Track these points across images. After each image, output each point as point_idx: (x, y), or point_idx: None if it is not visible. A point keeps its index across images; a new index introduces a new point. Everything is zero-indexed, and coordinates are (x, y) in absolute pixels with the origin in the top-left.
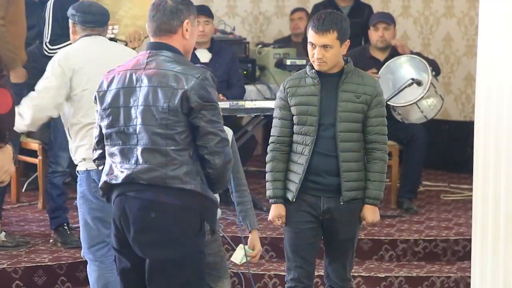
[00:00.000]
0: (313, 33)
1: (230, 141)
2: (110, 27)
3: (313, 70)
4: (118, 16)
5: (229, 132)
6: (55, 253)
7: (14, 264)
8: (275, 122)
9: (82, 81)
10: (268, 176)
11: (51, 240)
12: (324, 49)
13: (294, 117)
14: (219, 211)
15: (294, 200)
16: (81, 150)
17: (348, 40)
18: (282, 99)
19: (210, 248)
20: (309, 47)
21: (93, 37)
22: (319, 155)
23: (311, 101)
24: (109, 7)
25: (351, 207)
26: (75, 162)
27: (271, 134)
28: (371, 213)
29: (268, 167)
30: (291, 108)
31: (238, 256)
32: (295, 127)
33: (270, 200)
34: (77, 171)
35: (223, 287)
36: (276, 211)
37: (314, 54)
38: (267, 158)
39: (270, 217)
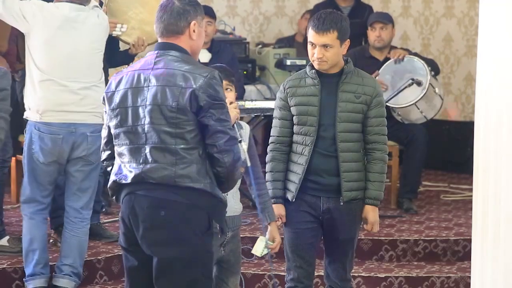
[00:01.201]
0: (313, 33)
1: (248, 136)
2: (118, 25)
3: (313, 70)
4: (126, 17)
5: (246, 128)
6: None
7: (14, 264)
8: (275, 122)
9: (47, 36)
10: (268, 176)
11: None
12: (324, 49)
13: (294, 117)
14: (240, 206)
15: (293, 200)
16: (29, 98)
17: (348, 40)
18: (282, 99)
19: (232, 244)
20: (309, 46)
21: (74, 4)
22: (319, 155)
23: (311, 101)
24: (120, 5)
25: (351, 207)
26: (25, 106)
27: (271, 134)
28: (372, 213)
29: (268, 167)
30: (291, 108)
31: (259, 248)
32: (295, 127)
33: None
34: (25, 119)
35: (234, 282)
36: (276, 211)
37: (314, 53)
38: (267, 158)
39: None
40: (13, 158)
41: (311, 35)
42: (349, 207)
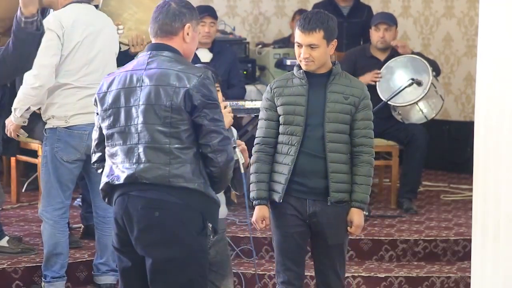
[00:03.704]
0: (300, 33)
1: (236, 137)
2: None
3: (301, 71)
4: (122, 19)
5: (234, 132)
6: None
7: (14, 264)
8: (260, 123)
9: (69, 43)
10: (252, 178)
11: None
12: (311, 49)
13: (281, 117)
14: (225, 210)
15: (281, 201)
16: (51, 108)
17: (336, 40)
18: (269, 100)
19: (217, 246)
20: (296, 47)
21: (83, 4)
22: (305, 156)
23: (298, 101)
24: (114, 8)
25: (338, 210)
26: (44, 119)
27: (256, 135)
28: (357, 216)
29: (252, 168)
30: (277, 108)
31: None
32: (281, 127)
33: (254, 202)
34: (45, 129)
35: (227, 286)
36: (260, 213)
37: (301, 53)
38: (252, 159)
39: (253, 218)
40: (13, 158)
41: (298, 35)
42: (336, 211)
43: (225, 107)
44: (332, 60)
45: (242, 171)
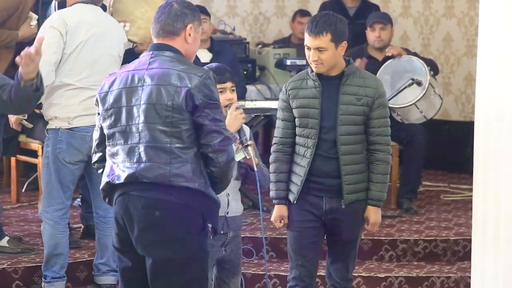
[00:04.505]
0: (308, 36)
1: (248, 136)
2: (121, 24)
3: (314, 73)
4: (133, 16)
5: (247, 130)
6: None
7: (14, 264)
8: (278, 123)
9: (72, 42)
10: (271, 177)
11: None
12: (319, 52)
13: (296, 119)
14: (241, 206)
15: (295, 202)
16: (54, 109)
17: (345, 41)
18: (284, 101)
19: (232, 244)
20: (306, 49)
21: (89, 5)
22: (320, 158)
23: (312, 104)
24: (126, 5)
25: (354, 208)
26: (46, 119)
27: (274, 135)
28: (374, 214)
29: (271, 168)
30: (293, 110)
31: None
32: (297, 129)
33: (274, 201)
34: (47, 129)
35: (236, 283)
36: (278, 212)
37: (310, 56)
38: (270, 159)
39: (272, 218)
40: (13, 158)
41: (306, 38)
42: (351, 208)
43: (236, 108)
44: None
45: (255, 168)
